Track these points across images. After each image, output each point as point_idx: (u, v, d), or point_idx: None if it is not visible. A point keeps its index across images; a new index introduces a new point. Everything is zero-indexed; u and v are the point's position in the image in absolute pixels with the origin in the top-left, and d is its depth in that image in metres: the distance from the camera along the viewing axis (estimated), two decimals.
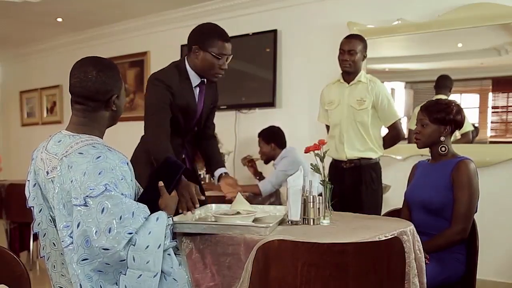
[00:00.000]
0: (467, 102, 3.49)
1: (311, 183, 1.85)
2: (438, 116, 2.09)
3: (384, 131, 3.03)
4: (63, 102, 6.08)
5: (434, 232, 2.06)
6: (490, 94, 3.39)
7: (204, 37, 2.12)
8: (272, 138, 3.68)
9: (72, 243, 1.38)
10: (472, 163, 2.07)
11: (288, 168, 3.40)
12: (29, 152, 1.63)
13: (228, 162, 4.09)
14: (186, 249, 1.65)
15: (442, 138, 2.11)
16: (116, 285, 1.39)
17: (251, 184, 3.65)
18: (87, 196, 1.35)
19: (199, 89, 2.24)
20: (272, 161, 3.71)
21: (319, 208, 1.82)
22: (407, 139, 3.65)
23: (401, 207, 2.31)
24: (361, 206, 2.79)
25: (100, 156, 1.40)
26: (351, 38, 2.91)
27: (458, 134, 3.35)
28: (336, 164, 2.96)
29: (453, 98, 3.44)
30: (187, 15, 4.72)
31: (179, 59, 2.28)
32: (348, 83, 2.90)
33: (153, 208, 1.50)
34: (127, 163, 1.47)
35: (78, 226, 1.35)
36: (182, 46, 4.69)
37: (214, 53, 2.09)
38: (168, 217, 1.50)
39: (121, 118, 1.66)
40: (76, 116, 1.53)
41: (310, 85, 4.03)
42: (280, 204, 3.50)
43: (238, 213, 1.82)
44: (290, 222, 1.81)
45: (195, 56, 2.14)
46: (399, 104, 3.78)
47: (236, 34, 4.33)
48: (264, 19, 4.33)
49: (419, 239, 1.76)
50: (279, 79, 4.27)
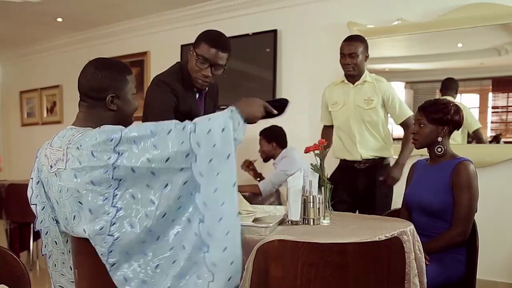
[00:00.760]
0: (467, 102, 3.49)
1: (311, 183, 1.85)
2: (436, 116, 2.08)
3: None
4: (63, 102, 6.05)
5: (434, 233, 2.06)
6: (490, 94, 3.39)
7: (197, 38, 2.11)
8: (274, 137, 3.68)
9: (120, 209, 1.29)
10: (471, 164, 2.05)
11: (288, 168, 3.40)
12: (29, 152, 1.64)
13: None
14: None
15: (440, 139, 2.10)
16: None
17: (251, 184, 3.66)
18: (116, 144, 1.29)
19: (199, 94, 2.23)
20: (272, 160, 3.71)
21: (319, 208, 1.82)
22: None
23: (400, 207, 2.30)
24: (374, 207, 2.75)
25: (103, 126, 1.38)
26: (351, 40, 2.82)
27: (463, 134, 3.35)
28: (348, 165, 2.92)
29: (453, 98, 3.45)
30: (187, 15, 4.72)
31: (183, 60, 2.26)
32: (353, 84, 2.87)
33: None
34: None
35: (134, 158, 1.27)
36: (182, 46, 4.69)
37: (198, 53, 2.07)
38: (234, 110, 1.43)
39: None
40: (80, 111, 1.57)
41: (310, 85, 4.03)
42: (280, 204, 3.50)
43: (238, 213, 1.82)
44: (290, 222, 1.81)
45: (189, 57, 2.14)
46: None
47: (236, 34, 4.34)
48: (264, 19, 4.33)
49: (419, 239, 1.76)
50: (279, 79, 4.28)
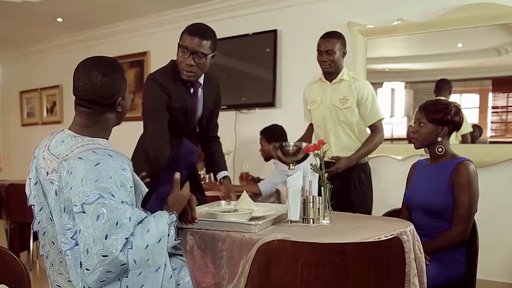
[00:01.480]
0: (467, 102, 3.49)
1: (311, 183, 1.85)
2: (436, 116, 2.07)
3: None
4: (63, 102, 6.05)
5: (434, 233, 2.05)
6: (490, 94, 3.38)
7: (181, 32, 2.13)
8: (274, 137, 3.67)
9: (77, 244, 1.39)
10: (471, 164, 2.04)
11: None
12: (29, 152, 1.63)
13: (228, 162, 4.07)
14: (187, 246, 1.66)
15: (439, 139, 2.09)
16: None
17: (251, 184, 3.65)
18: (83, 203, 1.35)
19: (193, 88, 2.22)
20: (273, 159, 3.71)
21: (319, 208, 1.82)
22: (407, 139, 3.65)
23: (400, 207, 2.30)
24: (351, 208, 2.62)
25: (99, 163, 1.38)
26: (328, 37, 2.72)
27: (457, 136, 3.35)
28: (324, 165, 2.89)
29: (453, 98, 3.45)
30: (187, 15, 4.71)
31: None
32: (330, 82, 2.79)
33: (162, 202, 1.48)
34: (128, 167, 1.43)
35: (80, 232, 1.35)
36: None
37: (180, 44, 2.10)
38: (171, 214, 1.48)
39: None
40: (79, 117, 1.51)
41: None
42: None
43: (236, 211, 1.83)
44: (290, 222, 1.81)
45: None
46: (399, 104, 3.78)
47: (236, 34, 4.34)
48: (264, 19, 4.32)
49: (419, 239, 1.76)
50: (279, 79, 4.27)
